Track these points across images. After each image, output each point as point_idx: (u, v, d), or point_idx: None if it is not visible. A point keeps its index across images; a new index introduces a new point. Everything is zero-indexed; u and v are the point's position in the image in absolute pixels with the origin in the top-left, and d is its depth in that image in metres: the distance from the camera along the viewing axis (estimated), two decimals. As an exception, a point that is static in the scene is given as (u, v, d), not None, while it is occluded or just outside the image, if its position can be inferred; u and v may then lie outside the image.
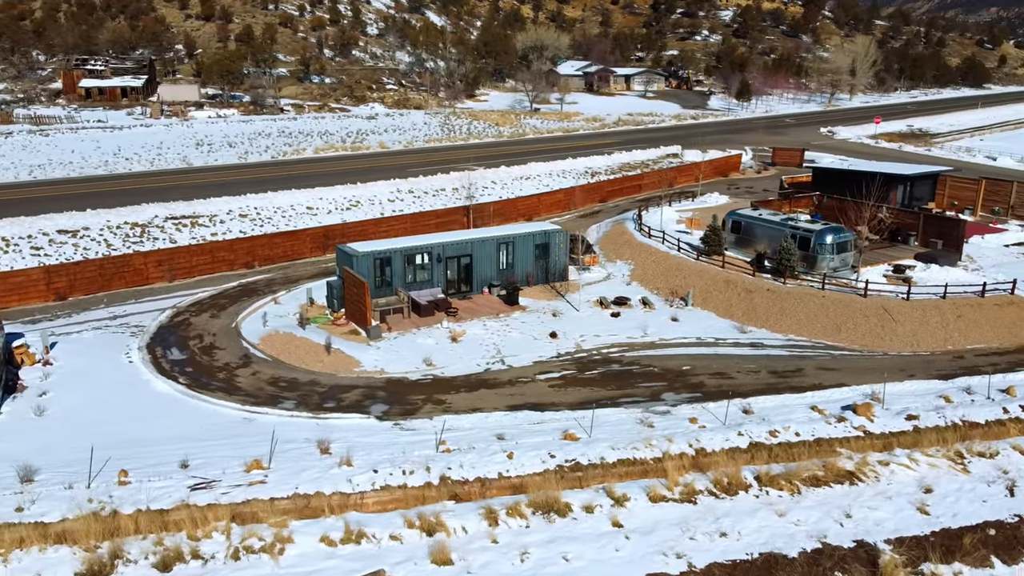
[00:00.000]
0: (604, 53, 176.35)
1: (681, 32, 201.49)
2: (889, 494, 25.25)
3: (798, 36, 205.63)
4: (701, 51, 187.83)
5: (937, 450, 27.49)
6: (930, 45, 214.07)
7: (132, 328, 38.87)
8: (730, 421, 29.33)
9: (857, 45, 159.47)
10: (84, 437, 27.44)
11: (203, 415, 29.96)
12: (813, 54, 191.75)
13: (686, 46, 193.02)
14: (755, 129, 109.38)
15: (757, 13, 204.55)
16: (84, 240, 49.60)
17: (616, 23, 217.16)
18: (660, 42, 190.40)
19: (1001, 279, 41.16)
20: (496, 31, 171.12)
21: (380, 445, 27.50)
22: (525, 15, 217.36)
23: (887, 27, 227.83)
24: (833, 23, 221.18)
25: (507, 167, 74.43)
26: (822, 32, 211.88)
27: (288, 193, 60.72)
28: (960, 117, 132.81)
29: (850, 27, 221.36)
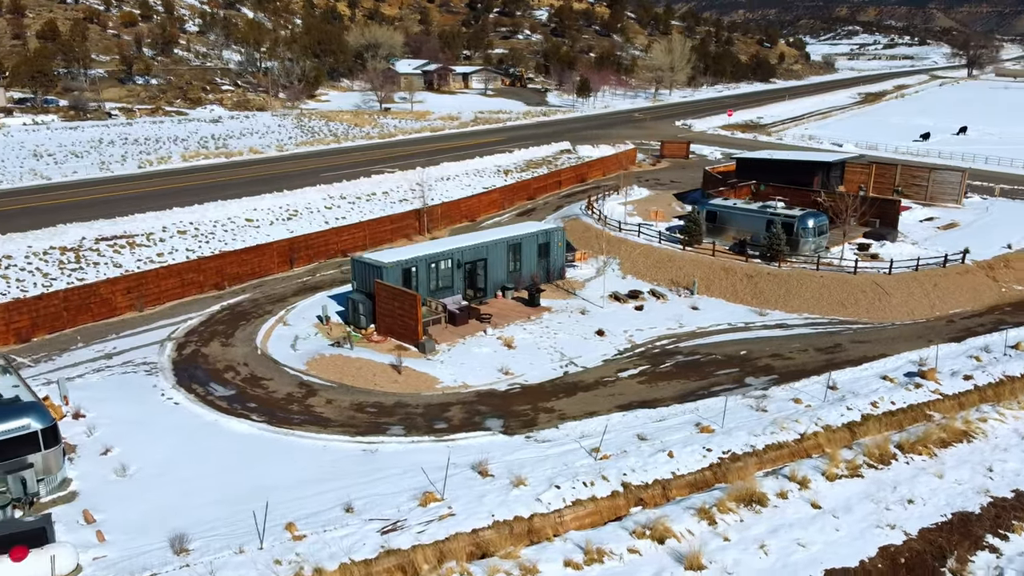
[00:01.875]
0: (435, 52, 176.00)
1: (503, 31, 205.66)
2: (1004, 446, 28.24)
3: (609, 35, 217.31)
4: (525, 49, 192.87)
5: (1013, 403, 31.03)
6: (720, 44, 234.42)
7: (140, 366, 34.12)
8: (829, 397, 31.23)
9: (674, 44, 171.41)
10: (197, 493, 24.31)
11: (312, 452, 27.17)
12: (626, 52, 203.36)
13: (510, 44, 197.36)
14: (615, 124, 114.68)
15: (570, 13, 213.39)
16: (13, 271, 42.49)
17: (435, 21, 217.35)
18: (486, 40, 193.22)
19: (940, 251, 46.74)
20: (329, 29, 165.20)
21: (533, 460, 26.52)
22: (342, 12, 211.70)
23: (682, 27, 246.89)
24: (637, 23, 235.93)
25: (423, 168, 72.66)
26: (628, 31, 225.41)
27: (219, 205, 55.43)
28: (773, 109, 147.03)
29: (651, 27, 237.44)
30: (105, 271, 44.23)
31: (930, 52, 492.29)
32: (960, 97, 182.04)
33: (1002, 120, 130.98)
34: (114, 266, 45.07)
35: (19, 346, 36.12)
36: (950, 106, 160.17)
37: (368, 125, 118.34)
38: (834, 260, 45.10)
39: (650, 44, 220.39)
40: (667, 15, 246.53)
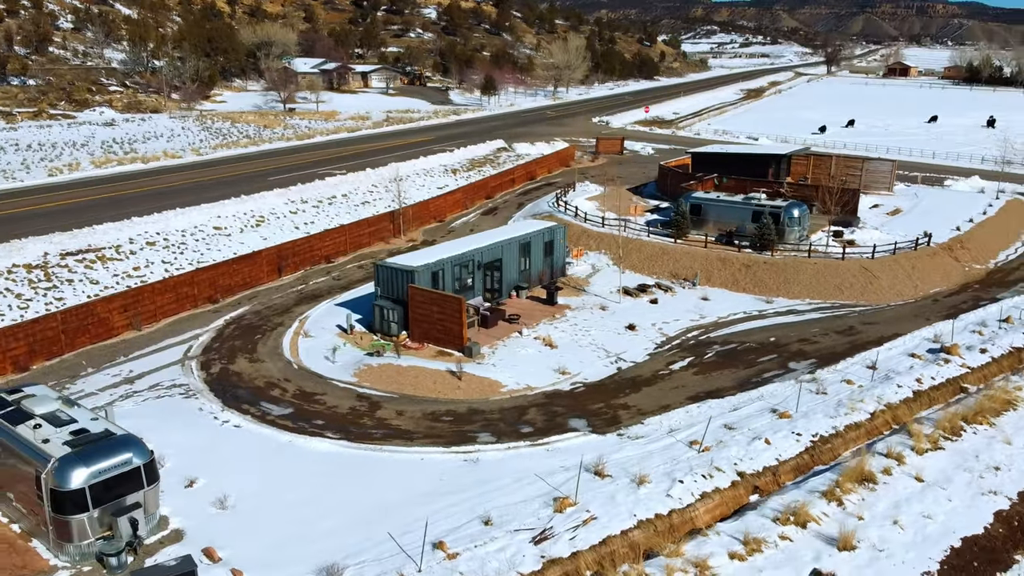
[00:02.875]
0: (329, 50, 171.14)
1: (394, 29, 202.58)
2: (1047, 411, 30.70)
3: (500, 34, 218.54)
4: (420, 48, 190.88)
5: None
6: (604, 42, 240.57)
7: (171, 389, 31.54)
8: (876, 376, 32.89)
9: (570, 42, 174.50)
10: (315, 519, 23.04)
11: (412, 466, 26.07)
12: (517, 50, 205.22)
13: (404, 43, 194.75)
14: (533, 122, 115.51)
15: (459, 11, 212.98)
16: (-21, 293, 38.21)
17: (321, 19, 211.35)
18: (379, 38, 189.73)
19: (902, 235, 50.18)
20: (218, 26, 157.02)
21: (639, 457, 26.54)
22: (222, 9, 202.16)
23: (567, 26, 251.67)
24: (524, 22, 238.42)
25: (373, 169, 70.65)
26: (517, 30, 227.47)
27: (180, 213, 51.70)
28: (673, 105, 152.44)
29: (538, 25, 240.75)
30: (83, 289, 40.52)
31: (784, 51, 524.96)
32: (829, 92, 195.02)
33: (880, 113, 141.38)
34: (90, 283, 41.34)
35: (18, 376, 32.53)
36: (823, 100, 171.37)
37: (279, 126, 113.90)
38: (819, 247, 47.42)
39: (539, 43, 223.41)
40: (551, 14, 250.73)
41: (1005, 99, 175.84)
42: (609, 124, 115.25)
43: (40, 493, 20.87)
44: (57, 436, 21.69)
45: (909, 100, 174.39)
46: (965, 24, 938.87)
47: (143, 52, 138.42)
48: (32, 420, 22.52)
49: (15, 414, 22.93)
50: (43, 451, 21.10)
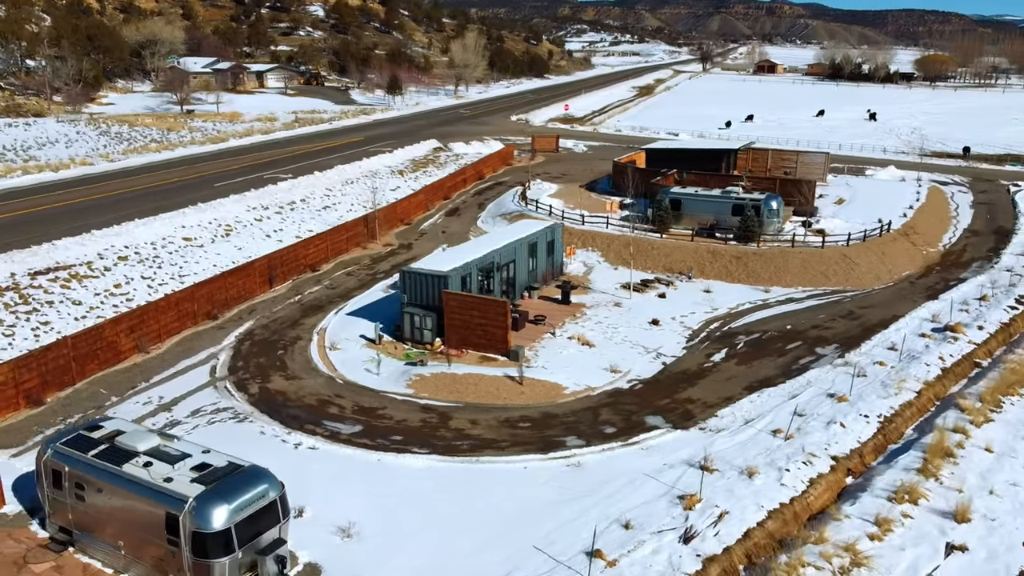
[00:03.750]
0: (218, 49, 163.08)
1: (283, 27, 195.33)
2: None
3: (390, 32, 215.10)
4: (311, 46, 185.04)
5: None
6: (492, 41, 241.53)
7: (217, 413, 29.38)
8: (901, 357, 34.84)
9: (468, 41, 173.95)
10: (453, 540, 22.13)
11: (518, 475, 25.51)
12: (409, 48, 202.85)
13: (296, 41, 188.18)
14: (455, 121, 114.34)
15: (348, 9, 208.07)
16: (-47, 321, 34.14)
17: (200, 16, 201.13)
18: (268, 36, 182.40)
19: (859, 223, 53.25)
20: (99, 23, 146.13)
21: (733, 449, 27.12)
22: (91, 5, 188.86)
23: (454, 25, 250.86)
24: (412, 20, 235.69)
25: (320, 172, 68.00)
26: (406, 28, 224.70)
27: (142, 225, 47.86)
28: (578, 103, 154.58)
29: (426, 24, 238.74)
30: (68, 311, 36.99)
31: (653, 49, 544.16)
32: (715, 88, 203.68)
33: (770, 108, 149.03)
34: (73, 303, 37.78)
35: (35, 411, 29.36)
36: (714, 96, 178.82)
37: (183, 129, 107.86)
38: (798, 237, 49.64)
39: (431, 41, 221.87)
40: (437, 12, 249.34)
41: (872, 94, 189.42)
42: (529, 122, 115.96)
43: (172, 537, 19.00)
44: (179, 473, 19.80)
45: (789, 95, 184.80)
46: (810, 24, 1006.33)
47: (16, 51, 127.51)
48: (138, 457, 20.47)
49: (113, 452, 20.75)
50: (172, 491, 19.21)
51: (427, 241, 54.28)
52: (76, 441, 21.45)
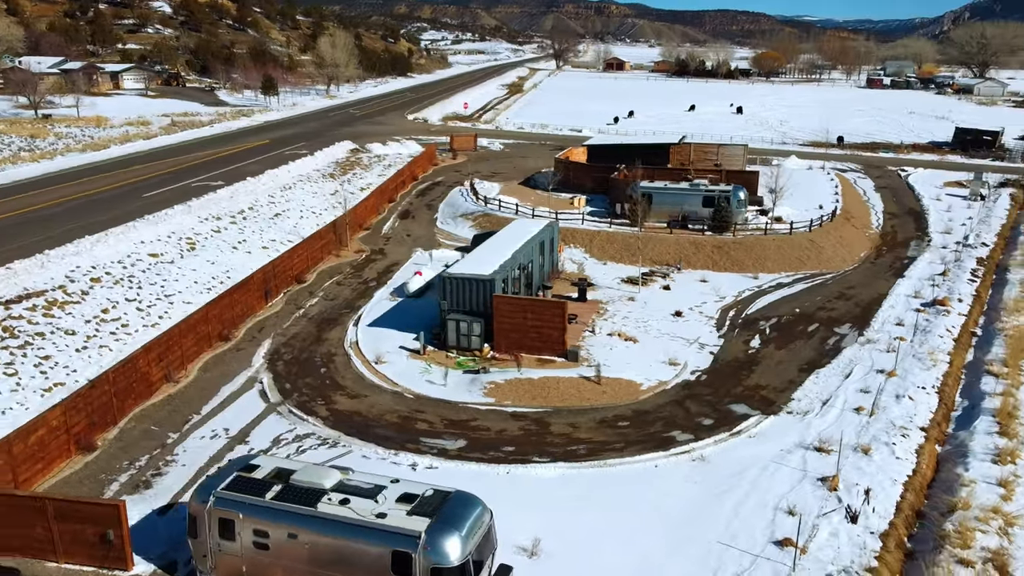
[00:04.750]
0: (61, 47, 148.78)
1: (128, 24, 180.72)
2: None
3: (244, 30, 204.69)
4: (162, 44, 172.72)
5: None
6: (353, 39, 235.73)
7: (302, 440, 27.21)
8: (915, 331, 37.61)
9: (337, 39, 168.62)
10: (637, 548, 22.20)
11: (654, 473, 25.49)
12: (268, 47, 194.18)
13: (141, 39, 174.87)
14: (350, 122, 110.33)
15: (198, 5, 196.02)
16: (-55, 362, 29.39)
17: (27, 12, 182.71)
18: (114, 34, 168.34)
19: (802, 210, 56.89)
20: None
21: (827, 429, 28.25)
22: None
23: (309, 23, 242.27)
24: (265, 17, 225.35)
25: (253, 177, 63.80)
26: (261, 26, 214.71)
27: (101, 242, 43.06)
28: (457, 101, 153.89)
29: (280, 22, 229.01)
30: (63, 342, 32.86)
31: (496, 47, 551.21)
32: (581, 86, 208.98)
33: (644, 103, 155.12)
34: (66, 333, 33.58)
35: (89, 457, 25.91)
36: (577, 92, 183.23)
37: (48, 136, 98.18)
38: (761, 225, 52.24)
39: (288, 39, 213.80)
40: (291, 9, 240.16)
41: (722, 88, 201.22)
42: (428, 121, 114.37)
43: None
44: (389, 507, 18.29)
45: (652, 91, 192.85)
46: (637, 23, 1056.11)
47: None
48: (329, 495, 18.69)
49: (297, 492, 18.81)
50: (395, 527, 17.71)
51: (397, 246, 52.55)
52: (240, 485, 19.24)
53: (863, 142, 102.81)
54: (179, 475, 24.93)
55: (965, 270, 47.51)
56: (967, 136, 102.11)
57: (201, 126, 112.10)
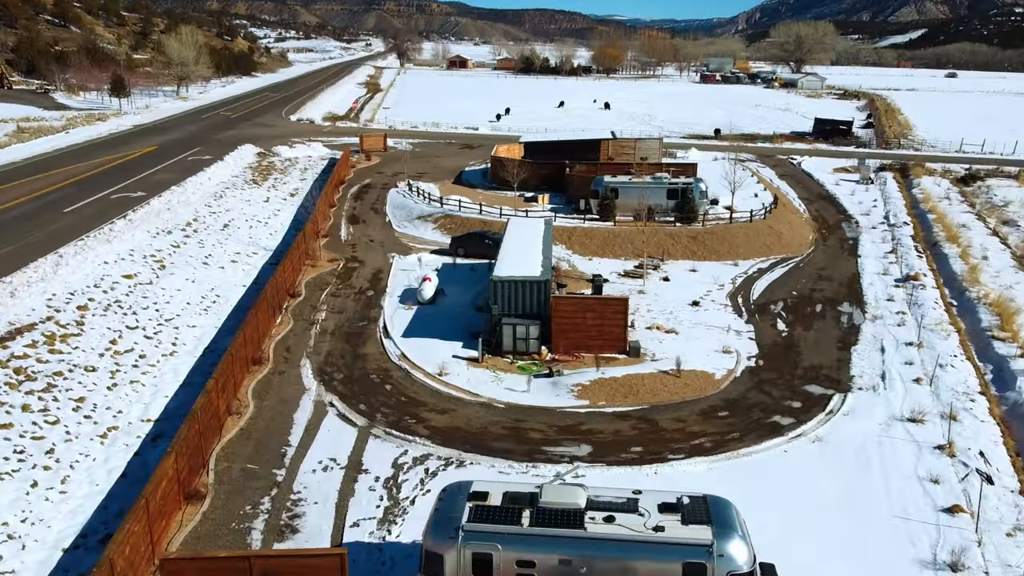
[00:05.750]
0: None
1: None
2: None
3: (67, 26, 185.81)
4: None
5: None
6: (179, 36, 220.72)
7: (424, 461, 25.56)
8: (911, 305, 40.89)
9: (184, 37, 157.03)
10: (837, 533, 22.62)
11: (786, 459, 26.18)
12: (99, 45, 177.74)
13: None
14: (227, 125, 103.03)
15: None
16: (-25, 415, 24.86)
17: None
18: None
19: (740, 199, 60.21)
20: None
21: (907, 401, 30.23)
22: None
23: (137, 19, 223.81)
24: (87, 13, 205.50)
25: (177, 187, 58.24)
26: (83, 22, 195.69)
27: (60, 265, 37.78)
28: (326, 100, 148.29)
29: (104, 17, 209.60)
30: (91, 379, 28.87)
31: (325, 44, 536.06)
32: (432, 83, 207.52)
33: (510, 100, 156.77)
34: (86, 370, 29.47)
35: (203, 507, 22.92)
36: (438, 90, 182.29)
37: None
38: (723, 215, 54.64)
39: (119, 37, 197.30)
40: (114, 5, 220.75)
41: (577, 85, 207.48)
42: (313, 121, 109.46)
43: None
44: (660, 519, 17.66)
45: (510, 89, 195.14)
46: (460, 21, 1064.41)
47: None
48: (590, 513, 17.79)
49: (556, 516, 17.74)
50: (680, 539, 17.16)
51: (368, 252, 50.18)
52: (486, 516, 17.85)
53: (736, 133, 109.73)
54: (320, 513, 22.65)
55: (908, 247, 52.11)
56: (826, 126, 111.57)
57: (53, 132, 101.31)
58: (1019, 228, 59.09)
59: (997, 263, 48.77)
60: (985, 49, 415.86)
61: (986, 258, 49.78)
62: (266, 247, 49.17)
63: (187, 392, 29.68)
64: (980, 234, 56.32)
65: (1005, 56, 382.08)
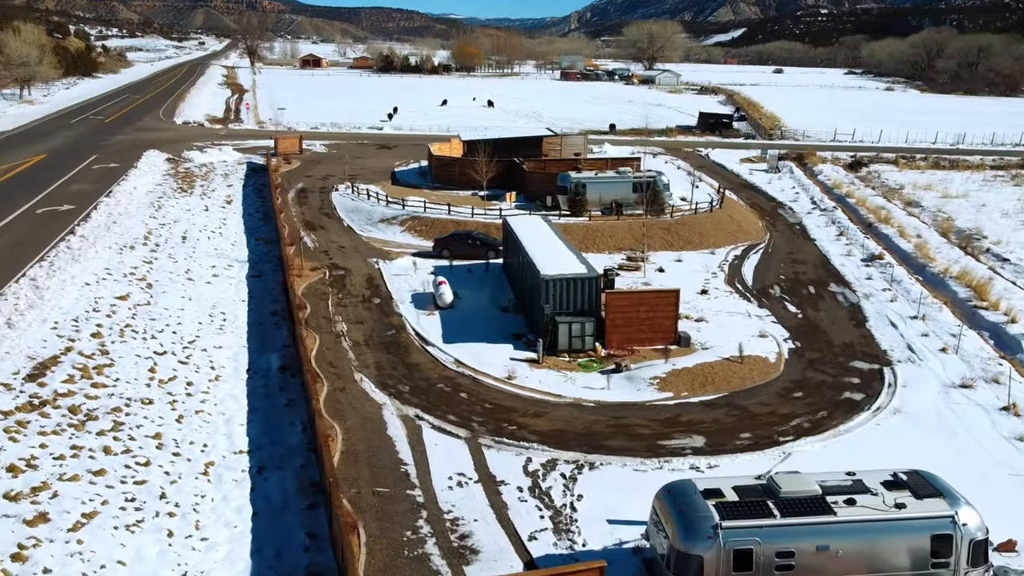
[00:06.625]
0: None
1: None
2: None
3: None
4: None
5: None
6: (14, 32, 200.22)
7: (565, 468, 24.95)
8: (891, 283, 44.15)
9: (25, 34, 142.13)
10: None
11: (882, 435, 27.61)
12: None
13: None
14: (112, 131, 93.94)
15: None
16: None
17: None
18: None
19: (682, 189, 62.72)
20: None
21: (944, 371, 32.75)
22: None
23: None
24: None
25: (107, 197, 52.79)
26: None
27: (43, 288, 33.34)
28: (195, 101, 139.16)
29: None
30: (155, 414, 25.92)
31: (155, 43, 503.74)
32: (299, 82, 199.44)
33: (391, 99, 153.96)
34: (143, 403, 26.41)
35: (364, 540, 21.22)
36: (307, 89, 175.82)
37: None
38: (682, 207, 56.55)
39: None
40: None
41: (447, 84, 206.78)
42: (203, 124, 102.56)
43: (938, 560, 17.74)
44: (897, 497, 18.28)
45: (381, 87, 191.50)
46: (295, 19, 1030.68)
47: None
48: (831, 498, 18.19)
49: (803, 504, 18.00)
50: (924, 514, 17.98)
51: (345, 259, 47.91)
52: (735, 512, 17.76)
53: (628, 128, 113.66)
54: (488, 531, 21.58)
55: (854, 230, 56.12)
56: (710, 120, 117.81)
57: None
58: (924, 209, 65.08)
59: (933, 240, 53.48)
60: (800, 47, 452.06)
61: (919, 236, 54.53)
62: (237, 259, 45.86)
63: (258, 417, 27.31)
64: (900, 215, 61.53)
65: (817, 53, 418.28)
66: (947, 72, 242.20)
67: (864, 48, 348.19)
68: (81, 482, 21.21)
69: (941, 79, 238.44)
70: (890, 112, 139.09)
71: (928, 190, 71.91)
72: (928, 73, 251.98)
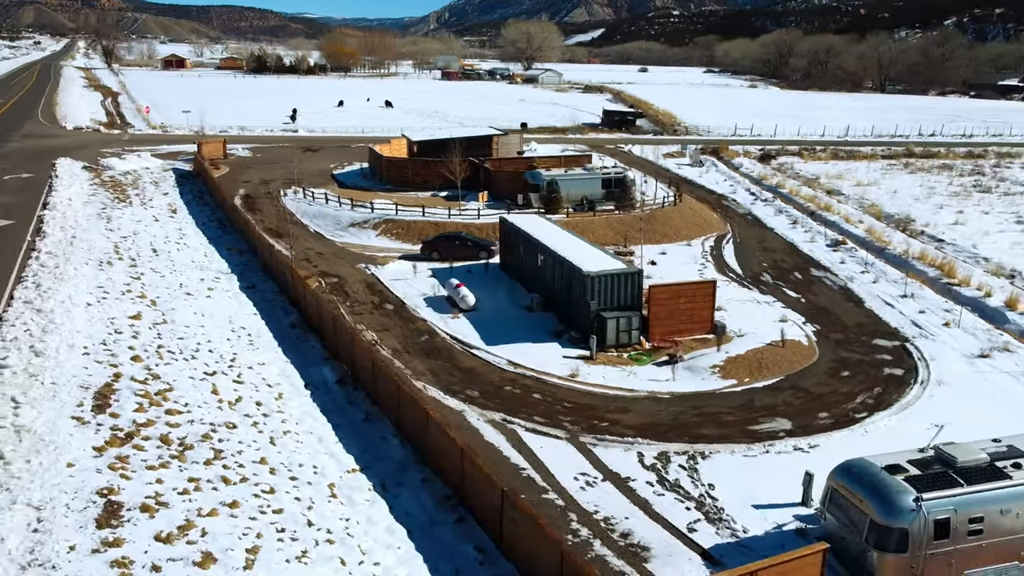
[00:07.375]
0: None
1: None
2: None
3: None
4: None
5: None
6: None
7: (680, 459, 25.18)
8: (866, 266, 47.16)
9: None
10: None
11: (937, 404, 29.56)
12: None
13: None
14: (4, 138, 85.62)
15: None
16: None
17: None
18: None
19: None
20: None
21: (965, 343, 35.44)
22: None
23: None
24: None
25: (47, 210, 47.91)
26: None
27: (48, 311, 29.96)
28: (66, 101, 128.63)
29: None
30: (243, 437, 24.12)
31: None
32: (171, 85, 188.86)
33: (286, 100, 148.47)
34: (228, 427, 24.46)
35: (517, 546, 20.64)
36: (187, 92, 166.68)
37: None
38: (649, 201, 58.05)
39: None
40: None
41: (330, 84, 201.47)
42: (100, 130, 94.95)
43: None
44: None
45: (265, 89, 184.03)
46: (139, 18, 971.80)
47: None
48: (1001, 464, 19.43)
49: (981, 473, 19.15)
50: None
51: (333, 265, 46.15)
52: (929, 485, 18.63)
53: (539, 127, 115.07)
54: (645, 526, 21.54)
55: (803, 218, 59.42)
56: (615, 117, 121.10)
57: None
58: (848, 197, 69.78)
59: (877, 226, 57.48)
60: (658, 47, 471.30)
61: (862, 222, 58.51)
62: (220, 270, 43.05)
63: (346, 433, 25.90)
64: (832, 202, 65.73)
65: (674, 53, 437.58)
66: (800, 70, 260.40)
67: (717, 48, 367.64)
68: (221, 516, 19.45)
69: (794, 76, 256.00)
70: (763, 108, 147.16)
71: (840, 179, 77.05)
72: (783, 71, 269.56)
